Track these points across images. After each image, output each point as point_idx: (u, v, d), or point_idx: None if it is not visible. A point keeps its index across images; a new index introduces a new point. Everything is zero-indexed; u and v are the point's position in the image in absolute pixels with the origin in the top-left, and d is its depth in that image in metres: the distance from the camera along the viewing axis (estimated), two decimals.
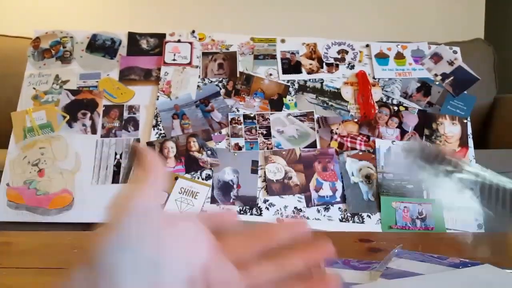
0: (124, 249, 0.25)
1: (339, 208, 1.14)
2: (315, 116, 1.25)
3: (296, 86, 1.29)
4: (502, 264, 0.70)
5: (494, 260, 0.71)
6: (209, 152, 1.19)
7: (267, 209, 1.13)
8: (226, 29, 1.58)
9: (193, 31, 1.35)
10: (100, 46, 1.33)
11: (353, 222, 1.13)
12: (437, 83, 1.31)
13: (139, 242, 0.25)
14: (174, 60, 1.31)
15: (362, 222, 1.13)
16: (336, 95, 1.29)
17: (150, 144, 1.20)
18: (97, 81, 1.28)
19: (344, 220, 1.13)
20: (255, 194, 1.15)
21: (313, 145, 1.22)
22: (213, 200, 1.13)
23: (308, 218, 1.13)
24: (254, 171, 1.18)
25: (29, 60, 1.31)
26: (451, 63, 1.33)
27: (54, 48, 1.32)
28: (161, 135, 1.21)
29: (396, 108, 1.27)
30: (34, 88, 1.26)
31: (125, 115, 1.25)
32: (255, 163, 1.18)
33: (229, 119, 1.24)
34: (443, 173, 0.55)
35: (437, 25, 1.88)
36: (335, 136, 1.23)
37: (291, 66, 1.32)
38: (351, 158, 1.20)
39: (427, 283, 0.47)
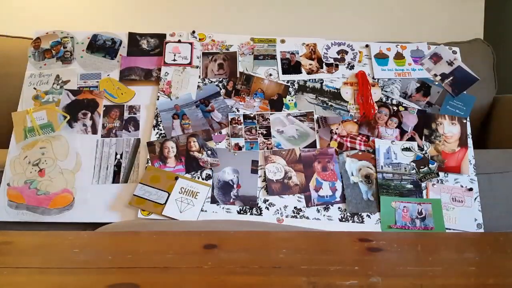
0: None
1: (339, 208, 1.15)
2: (315, 116, 1.25)
3: (296, 86, 1.29)
4: (499, 262, 0.71)
5: (494, 260, 0.72)
6: (209, 152, 1.19)
7: (267, 209, 1.13)
8: (226, 29, 1.58)
9: (194, 32, 1.35)
10: (101, 47, 1.33)
11: (353, 222, 1.13)
12: (436, 83, 1.31)
13: None
14: (174, 60, 1.31)
15: (362, 222, 1.13)
16: (335, 95, 1.29)
17: (150, 144, 1.20)
18: (97, 81, 1.29)
19: (343, 220, 1.13)
20: (255, 194, 1.15)
21: (313, 145, 1.22)
22: (213, 200, 1.14)
23: (308, 218, 1.13)
24: (254, 171, 1.18)
25: (29, 60, 1.31)
26: (450, 63, 1.33)
27: (54, 48, 1.32)
28: (162, 135, 1.22)
29: (395, 108, 1.27)
30: (34, 88, 1.27)
31: (126, 115, 1.25)
32: (255, 163, 1.19)
33: (229, 119, 1.24)
34: None
35: (437, 25, 1.88)
36: (335, 136, 1.23)
37: (291, 66, 1.32)
38: (350, 158, 1.21)
39: None
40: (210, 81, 1.29)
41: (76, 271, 0.64)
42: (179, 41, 1.34)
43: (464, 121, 1.26)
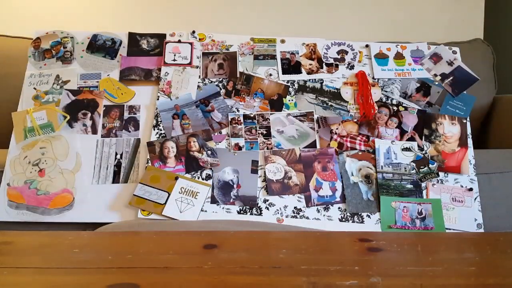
0: None
1: (339, 208, 1.15)
2: (315, 116, 1.25)
3: (296, 86, 1.29)
4: (499, 262, 0.71)
5: (494, 260, 0.72)
6: (209, 152, 1.19)
7: (267, 209, 1.13)
8: (226, 29, 1.58)
9: (194, 32, 1.35)
10: (101, 47, 1.33)
11: (353, 222, 1.13)
12: (436, 83, 1.31)
13: None
14: (174, 60, 1.31)
15: (362, 222, 1.13)
16: (335, 95, 1.29)
17: (150, 144, 1.20)
18: (97, 81, 1.29)
19: (343, 220, 1.13)
20: (255, 194, 1.15)
21: (313, 145, 1.22)
22: (213, 200, 1.14)
23: (308, 218, 1.13)
24: (254, 171, 1.18)
25: (29, 60, 1.31)
26: (450, 63, 1.33)
27: (54, 48, 1.32)
28: (162, 135, 1.22)
29: (395, 108, 1.27)
30: (34, 88, 1.27)
31: (126, 115, 1.25)
32: (255, 163, 1.19)
33: (229, 119, 1.24)
34: None
35: (437, 25, 1.88)
36: (335, 136, 1.23)
37: (291, 66, 1.32)
38: (350, 158, 1.21)
39: None
40: (210, 81, 1.29)
41: (76, 271, 0.64)
42: (179, 41, 1.34)
43: (464, 121, 1.26)
